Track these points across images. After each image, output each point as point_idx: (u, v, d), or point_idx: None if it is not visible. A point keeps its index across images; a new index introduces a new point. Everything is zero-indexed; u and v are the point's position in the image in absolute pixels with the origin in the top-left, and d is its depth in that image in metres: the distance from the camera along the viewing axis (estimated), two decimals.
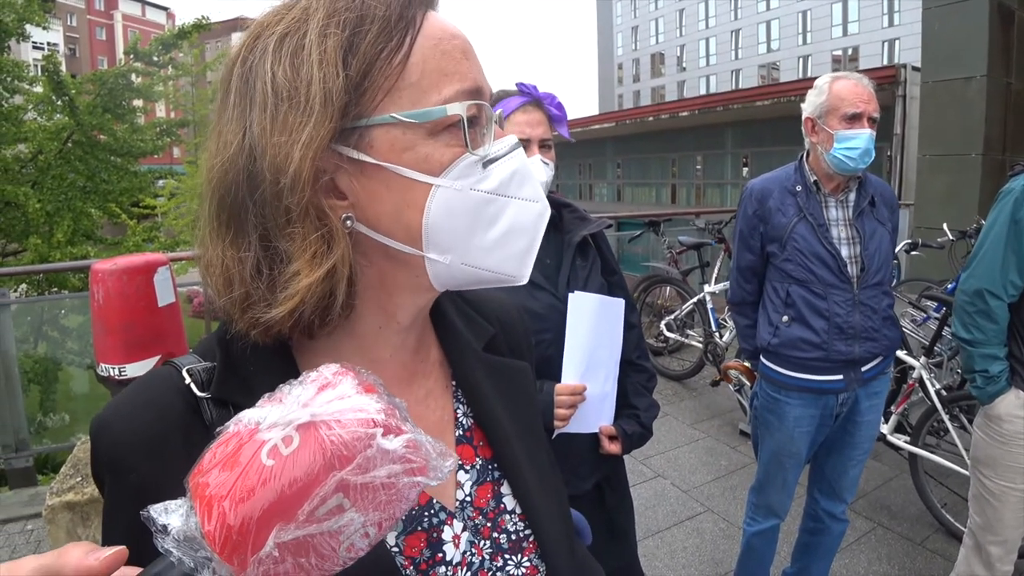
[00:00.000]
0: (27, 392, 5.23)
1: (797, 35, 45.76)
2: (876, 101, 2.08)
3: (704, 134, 22.40)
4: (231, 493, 0.38)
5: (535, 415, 0.79)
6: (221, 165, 0.56)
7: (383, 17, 0.54)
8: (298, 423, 0.40)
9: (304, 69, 0.53)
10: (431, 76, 0.56)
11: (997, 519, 2.08)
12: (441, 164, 0.56)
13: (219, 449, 0.41)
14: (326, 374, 0.43)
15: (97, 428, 0.56)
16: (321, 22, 0.54)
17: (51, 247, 7.63)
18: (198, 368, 0.59)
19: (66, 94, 7.97)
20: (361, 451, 0.39)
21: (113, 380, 2.10)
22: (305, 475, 0.38)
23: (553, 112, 1.65)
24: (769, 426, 2.30)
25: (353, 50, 0.54)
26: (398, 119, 0.54)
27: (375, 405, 0.41)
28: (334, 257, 0.54)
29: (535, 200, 0.61)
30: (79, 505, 2.29)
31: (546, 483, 0.73)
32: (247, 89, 0.55)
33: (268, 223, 0.54)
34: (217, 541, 0.38)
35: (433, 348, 0.72)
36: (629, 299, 1.76)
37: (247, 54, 0.56)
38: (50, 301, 7.17)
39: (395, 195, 0.56)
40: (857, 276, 2.11)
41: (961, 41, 6.83)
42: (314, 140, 0.52)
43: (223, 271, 0.57)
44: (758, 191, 2.22)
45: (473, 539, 0.66)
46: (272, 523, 0.38)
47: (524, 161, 0.61)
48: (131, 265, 2.13)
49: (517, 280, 0.62)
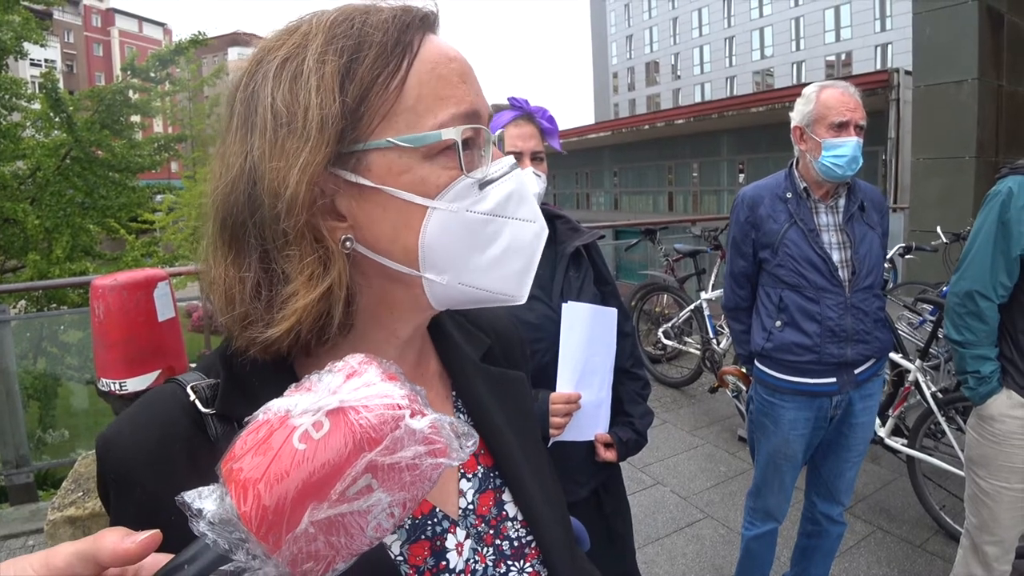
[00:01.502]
0: (27, 408, 5.23)
1: (790, 41, 45.98)
2: (863, 109, 2.11)
3: (700, 141, 22.45)
4: (265, 476, 0.40)
5: (533, 423, 0.81)
6: (224, 187, 0.57)
7: (380, 43, 0.56)
8: (328, 409, 0.42)
9: (302, 95, 0.54)
10: (427, 100, 0.57)
11: (992, 519, 2.09)
12: (437, 186, 0.57)
13: (249, 437, 0.42)
14: (352, 363, 0.45)
15: (103, 444, 0.57)
16: (320, 48, 0.55)
17: (50, 263, 7.63)
18: (202, 385, 0.60)
19: (64, 111, 8.00)
20: (389, 432, 0.41)
21: (114, 395, 2.12)
22: (336, 457, 0.40)
23: (544, 125, 1.67)
24: (765, 430, 2.32)
25: (350, 76, 0.55)
26: (394, 143, 0.55)
27: (399, 391, 0.43)
28: (330, 278, 0.55)
29: (532, 220, 0.62)
30: (81, 520, 2.30)
31: (546, 490, 0.74)
32: (249, 113, 0.57)
33: (267, 244, 0.56)
34: (253, 521, 0.39)
35: (432, 360, 0.73)
36: (622, 308, 1.78)
37: (249, 79, 0.58)
38: (49, 317, 7.17)
39: (392, 217, 0.57)
40: (848, 280, 2.13)
41: (952, 45, 6.87)
42: (310, 165, 0.53)
43: (225, 290, 0.58)
44: (749, 198, 2.25)
45: (476, 546, 0.66)
46: (306, 503, 0.40)
47: (521, 182, 0.63)
48: (131, 280, 2.15)
49: (516, 300, 0.63)
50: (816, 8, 43.82)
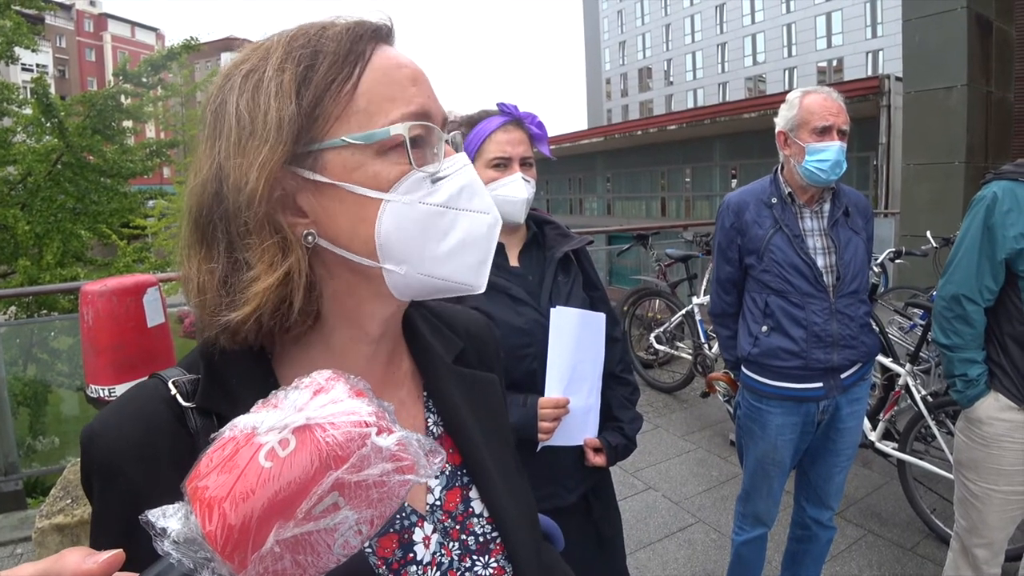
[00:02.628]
0: (16, 415, 5.20)
1: (782, 48, 46.23)
2: (846, 114, 2.13)
3: (692, 147, 22.57)
4: (231, 494, 0.40)
5: (503, 424, 0.83)
6: (195, 189, 0.62)
7: (334, 52, 0.60)
8: (294, 426, 0.42)
9: (262, 100, 0.59)
10: (378, 102, 0.61)
11: (982, 521, 2.10)
12: (389, 180, 0.60)
13: (215, 454, 0.42)
14: (319, 379, 0.46)
15: (88, 436, 0.60)
16: (279, 60, 0.60)
17: (41, 269, 7.60)
18: (183, 380, 0.63)
19: (55, 116, 7.97)
20: (356, 450, 0.42)
21: (103, 401, 2.11)
22: (302, 475, 0.40)
23: (534, 131, 1.68)
24: (752, 435, 2.32)
25: (306, 82, 0.59)
26: (348, 141, 0.59)
27: (366, 408, 0.44)
28: (288, 262, 0.59)
29: (486, 212, 0.66)
30: (69, 527, 2.29)
31: (513, 488, 0.77)
32: (217, 122, 0.61)
33: (232, 236, 0.60)
34: (218, 541, 0.39)
35: (405, 360, 0.76)
36: (612, 314, 1.78)
37: (218, 92, 0.63)
38: (40, 323, 7.12)
39: (349, 211, 0.61)
40: (833, 285, 2.14)
41: (941, 52, 6.92)
42: (269, 162, 0.57)
43: (197, 283, 0.62)
44: (735, 204, 2.26)
45: (443, 540, 0.69)
46: (272, 521, 0.40)
47: (474, 177, 0.66)
48: (121, 286, 2.15)
49: (474, 289, 0.66)
50: (808, 15, 44.09)
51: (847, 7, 41.57)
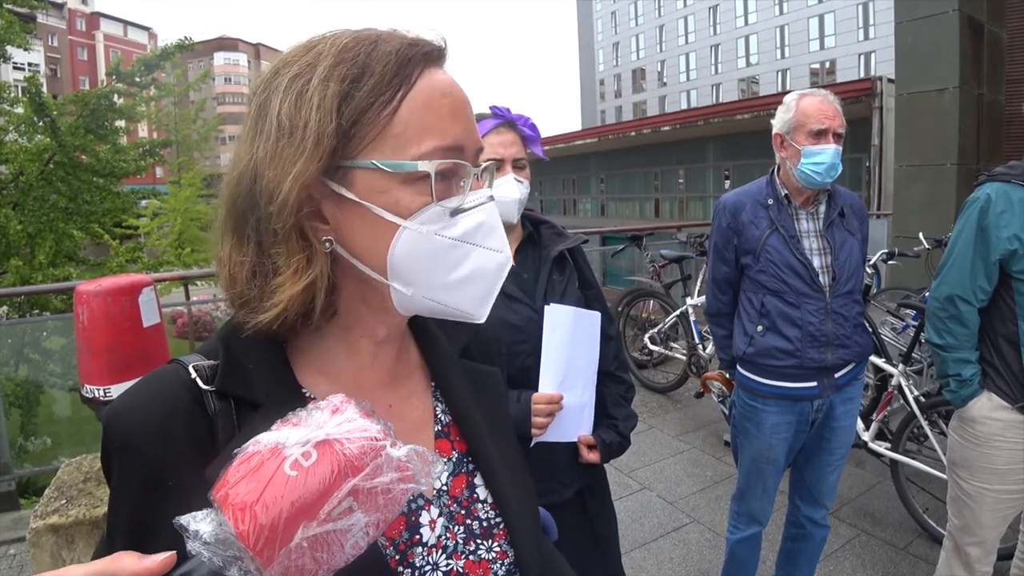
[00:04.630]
0: (8, 416, 5.17)
1: (775, 49, 46.39)
2: (842, 117, 2.14)
3: (686, 148, 22.59)
4: (261, 499, 0.45)
5: (506, 415, 0.87)
6: (234, 178, 0.64)
7: (380, 73, 0.61)
8: (316, 441, 0.48)
9: (304, 111, 0.60)
10: (414, 129, 0.62)
11: (975, 520, 2.11)
12: (410, 209, 0.62)
13: (241, 466, 0.48)
14: (335, 402, 0.52)
15: (110, 416, 0.62)
16: (326, 71, 0.61)
17: (33, 269, 7.56)
18: (203, 364, 0.65)
19: (48, 115, 7.93)
20: (371, 461, 0.48)
21: (98, 401, 2.10)
22: (323, 482, 0.46)
23: (526, 132, 1.69)
24: (747, 434, 2.34)
25: (348, 100, 0.61)
26: (377, 166, 0.61)
27: (375, 426, 0.50)
28: (313, 272, 0.62)
29: (499, 251, 0.68)
30: (64, 528, 2.28)
31: (516, 477, 0.80)
32: (259, 118, 0.63)
33: (261, 238, 0.63)
34: (250, 539, 0.44)
35: (413, 352, 0.80)
36: (607, 312, 1.79)
37: (265, 86, 0.64)
38: (32, 323, 7.08)
39: (369, 229, 0.63)
40: (829, 285, 2.16)
41: (933, 54, 6.96)
42: (303, 175, 0.59)
43: (229, 269, 0.65)
44: (731, 205, 2.27)
45: (448, 524, 0.72)
46: (297, 522, 0.45)
47: (493, 215, 0.68)
48: (116, 286, 2.14)
49: (475, 319, 0.69)
50: (801, 16, 44.25)
51: (840, 9, 41.75)
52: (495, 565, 0.74)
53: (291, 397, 0.65)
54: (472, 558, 0.72)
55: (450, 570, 0.70)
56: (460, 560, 0.71)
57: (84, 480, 2.51)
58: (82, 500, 2.38)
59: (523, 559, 0.75)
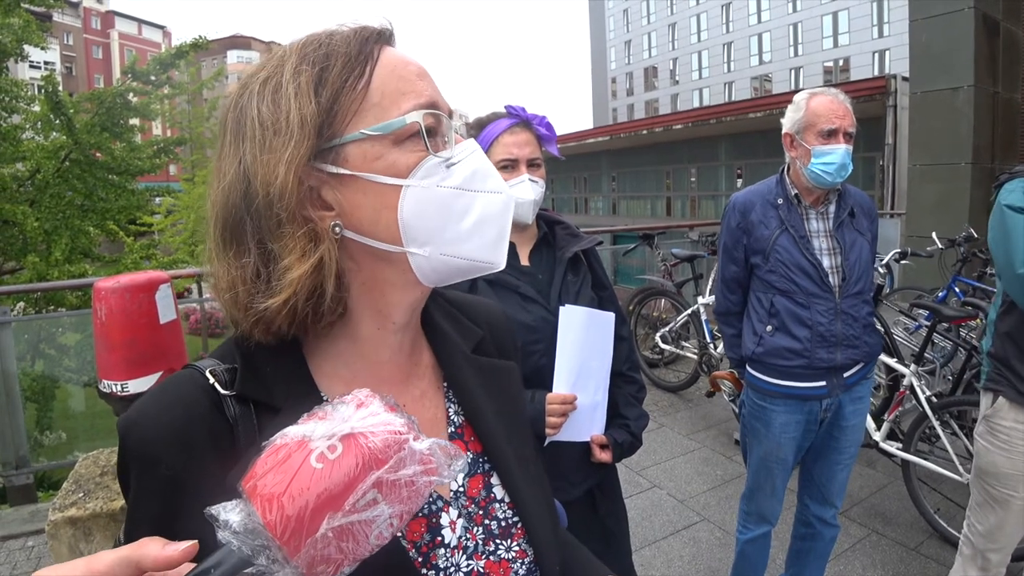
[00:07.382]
0: (24, 410, 5.24)
1: (788, 47, 46.05)
2: (852, 116, 2.13)
3: (698, 146, 22.54)
4: (288, 490, 0.46)
5: (521, 411, 0.87)
6: (221, 192, 0.65)
7: (345, 54, 0.65)
8: (341, 434, 0.49)
9: (283, 102, 0.63)
10: (391, 96, 0.65)
11: (999, 527, 2.09)
12: (407, 167, 0.64)
13: (268, 458, 0.49)
14: (360, 396, 0.53)
15: (126, 425, 0.62)
16: (294, 65, 0.64)
17: (49, 265, 7.62)
18: (220, 369, 0.65)
19: (64, 113, 7.99)
20: (395, 453, 0.49)
21: (115, 396, 2.13)
22: (349, 474, 0.47)
23: (542, 132, 1.70)
24: (756, 433, 2.34)
25: (323, 82, 0.63)
26: (366, 134, 0.63)
27: (399, 420, 0.51)
28: (320, 251, 0.63)
29: (499, 192, 0.69)
30: (82, 520, 2.32)
31: (531, 474, 0.80)
32: (239, 128, 0.65)
33: (263, 231, 0.63)
34: (277, 528, 0.45)
35: (425, 352, 0.80)
36: (620, 313, 1.80)
37: (237, 100, 0.66)
38: (48, 319, 7.16)
39: (372, 200, 0.64)
40: (838, 286, 2.16)
41: (948, 52, 6.91)
42: (296, 157, 0.61)
43: (228, 280, 0.65)
44: (741, 204, 2.27)
45: (467, 525, 0.72)
46: (323, 513, 0.46)
47: (484, 160, 0.70)
48: (134, 283, 2.17)
49: (494, 266, 0.70)
50: (814, 14, 43.91)
51: (854, 7, 41.39)
52: (515, 564, 0.74)
53: (310, 401, 0.63)
54: (492, 558, 0.73)
55: (471, 571, 0.71)
56: (481, 560, 0.72)
57: (101, 474, 2.56)
58: (99, 493, 2.42)
59: (542, 557, 0.76)
